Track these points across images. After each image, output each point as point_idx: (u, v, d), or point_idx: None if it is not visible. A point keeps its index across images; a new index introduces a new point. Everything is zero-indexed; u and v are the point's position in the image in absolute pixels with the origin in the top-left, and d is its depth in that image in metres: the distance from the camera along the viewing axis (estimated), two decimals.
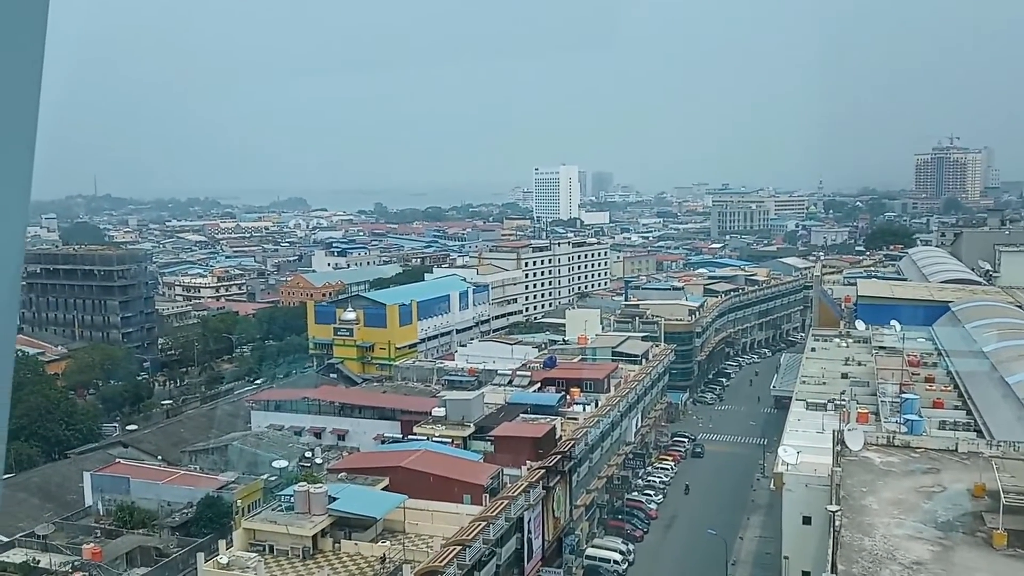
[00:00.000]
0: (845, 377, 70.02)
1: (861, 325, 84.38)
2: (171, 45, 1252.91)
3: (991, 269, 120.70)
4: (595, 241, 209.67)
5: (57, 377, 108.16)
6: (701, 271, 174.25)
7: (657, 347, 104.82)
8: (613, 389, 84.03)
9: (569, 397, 78.85)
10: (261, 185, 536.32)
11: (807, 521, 45.99)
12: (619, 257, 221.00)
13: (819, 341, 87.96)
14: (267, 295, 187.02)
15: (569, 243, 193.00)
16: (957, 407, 58.79)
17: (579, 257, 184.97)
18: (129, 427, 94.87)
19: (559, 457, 64.83)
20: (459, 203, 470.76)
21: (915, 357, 72.10)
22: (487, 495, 57.05)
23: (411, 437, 70.31)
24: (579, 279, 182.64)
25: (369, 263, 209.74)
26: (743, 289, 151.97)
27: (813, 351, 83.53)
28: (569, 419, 74.05)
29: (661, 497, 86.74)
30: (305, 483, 55.72)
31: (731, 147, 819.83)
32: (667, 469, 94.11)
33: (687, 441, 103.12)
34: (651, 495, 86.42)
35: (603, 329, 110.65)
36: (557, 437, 67.79)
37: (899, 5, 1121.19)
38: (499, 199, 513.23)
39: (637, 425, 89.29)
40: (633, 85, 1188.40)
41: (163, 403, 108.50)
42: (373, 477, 58.18)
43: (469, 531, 51.21)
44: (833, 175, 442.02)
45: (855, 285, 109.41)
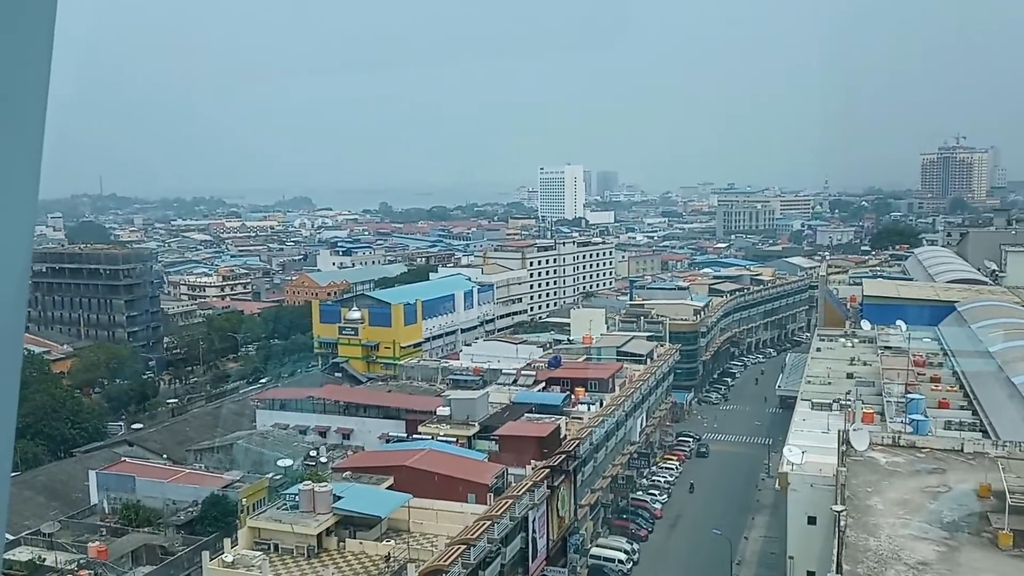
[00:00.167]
0: (850, 377, 69.94)
1: (867, 325, 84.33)
2: (176, 45, 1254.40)
3: (997, 269, 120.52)
4: (600, 241, 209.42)
5: (63, 376, 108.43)
6: (706, 271, 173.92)
7: (662, 347, 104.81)
8: (618, 389, 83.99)
9: (574, 397, 78.86)
10: (266, 184, 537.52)
11: (812, 521, 45.96)
12: (624, 257, 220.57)
13: (824, 341, 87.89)
14: (272, 294, 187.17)
15: (574, 243, 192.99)
16: (963, 407, 58.67)
17: (584, 257, 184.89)
18: (134, 426, 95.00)
19: (564, 456, 64.86)
20: (464, 202, 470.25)
21: (921, 357, 71.96)
22: (492, 494, 57.08)
23: (416, 436, 70.45)
24: (584, 279, 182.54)
25: (374, 262, 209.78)
26: (748, 289, 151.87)
27: (818, 351, 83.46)
28: (574, 418, 74.07)
29: (666, 497, 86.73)
30: (310, 482, 55.79)
31: (737, 147, 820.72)
32: (672, 469, 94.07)
33: (692, 441, 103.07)
34: (656, 495, 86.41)
35: (608, 329, 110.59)
36: (562, 436, 67.80)
37: (905, 4, 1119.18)
38: (504, 198, 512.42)
39: (642, 425, 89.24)
40: (638, 84, 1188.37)
41: (168, 402, 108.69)
42: (378, 476, 58.26)
43: (474, 530, 51.25)
44: (839, 175, 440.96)
45: (861, 285, 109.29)
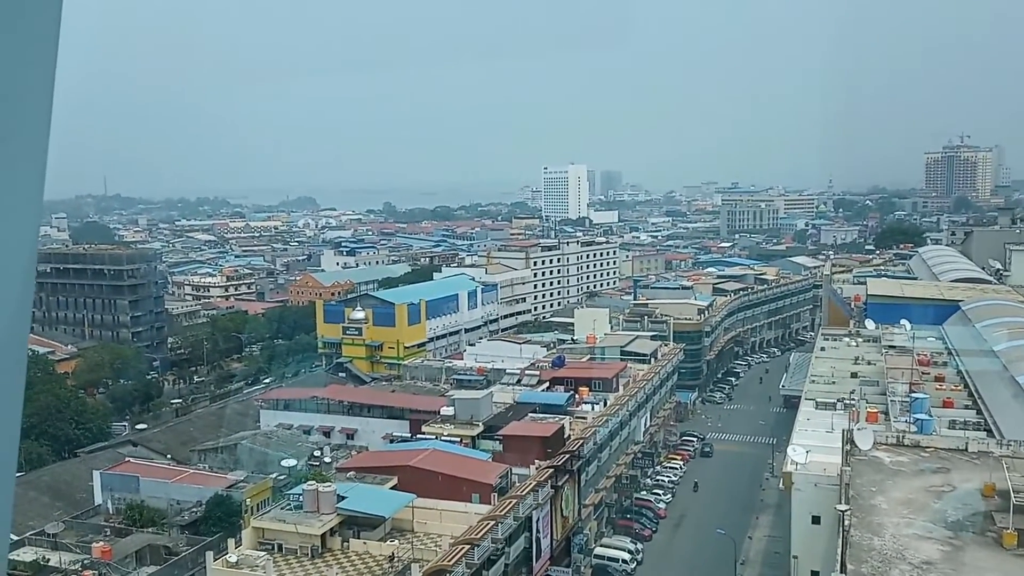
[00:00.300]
0: (855, 376, 69.82)
1: (871, 324, 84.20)
2: (180, 46, 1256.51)
3: (1001, 268, 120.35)
4: (604, 240, 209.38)
5: (67, 376, 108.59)
6: (710, 270, 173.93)
7: (666, 346, 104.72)
8: (622, 388, 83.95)
9: (578, 396, 78.81)
10: (270, 184, 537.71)
11: (816, 520, 45.90)
12: (628, 256, 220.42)
13: (829, 340, 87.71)
14: (276, 294, 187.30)
15: (578, 242, 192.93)
16: (967, 406, 58.58)
17: (588, 256, 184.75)
18: (139, 426, 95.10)
19: (568, 456, 64.84)
20: (468, 202, 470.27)
21: (925, 356, 71.85)
22: (496, 494, 57.06)
23: (420, 436, 70.42)
24: (588, 278, 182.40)
25: (378, 262, 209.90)
26: (752, 288, 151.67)
27: (823, 350, 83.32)
28: (578, 418, 74.01)
29: (670, 496, 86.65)
30: (314, 482, 55.80)
31: (741, 146, 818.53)
32: (676, 468, 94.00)
33: (696, 440, 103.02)
34: (660, 494, 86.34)
35: (612, 328, 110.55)
36: (566, 436, 67.77)
37: (908, 2, 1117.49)
38: (508, 198, 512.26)
39: (646, 424, 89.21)
40: (642, 84, 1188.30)
41: (172, 402, 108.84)
42: (382, 476, 58.28)
43: (478, 530, 51.26)
44: (843, 174, 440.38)
45: (865, 284, 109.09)
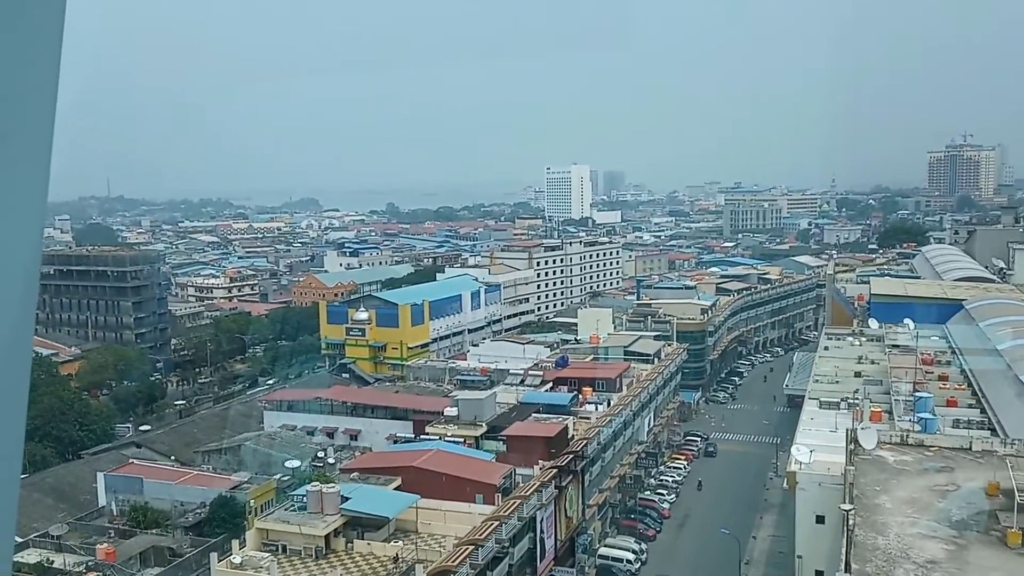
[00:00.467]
0: (858, 376, 69.70)
1: (874, 323, 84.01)
2: (182, 47, 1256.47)
3: (1005, 267, 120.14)
4: (607, 240, 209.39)
5: (71, 378, 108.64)
6: (713, 270, 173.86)
7: (669, 346, 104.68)
8: (625, 388, 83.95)
9: (581, 396, 78.77)
10: (273, 186, 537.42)
11: (820, 520, 45.85)
12: (631, 256, 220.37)
13: (832, 340, 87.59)
14: (279, 295, 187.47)
15: (581, 242, 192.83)
16: (971, 405, 58.49)
17: (591, 256, 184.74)
18: (142, 427, 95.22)
19: (571, 456, 64.83)
20: (471, 203, 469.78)
21: (929, 355, 71.75)
22: (500, 495, 57.11)
23: (423, 437, 70.38)
24: (591, 278, 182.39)
25: (381, 263, 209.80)
26: (756, 288, 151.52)
27: (826, 350, 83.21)
28: (581, 418, 74.00)
29: (674, 496, 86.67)
30: (318, 483, 55.87)
31: (743, 145, 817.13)
32: (680, 468, 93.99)
33: (700, 440, 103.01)
34: (664, 494, 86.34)
35: (615, 328, 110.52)
36: (569, 436, 67.76)
37: (911, 1, 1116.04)
38: (511, 199, 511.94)
39: (649, 424, 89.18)
40: (644, 84, 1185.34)
41: (176, 403, 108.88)
42: (385, 477, 58.30)
43: (482, 531, 51.26)
44: (846, 173, 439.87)
45: (868, 283, 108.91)
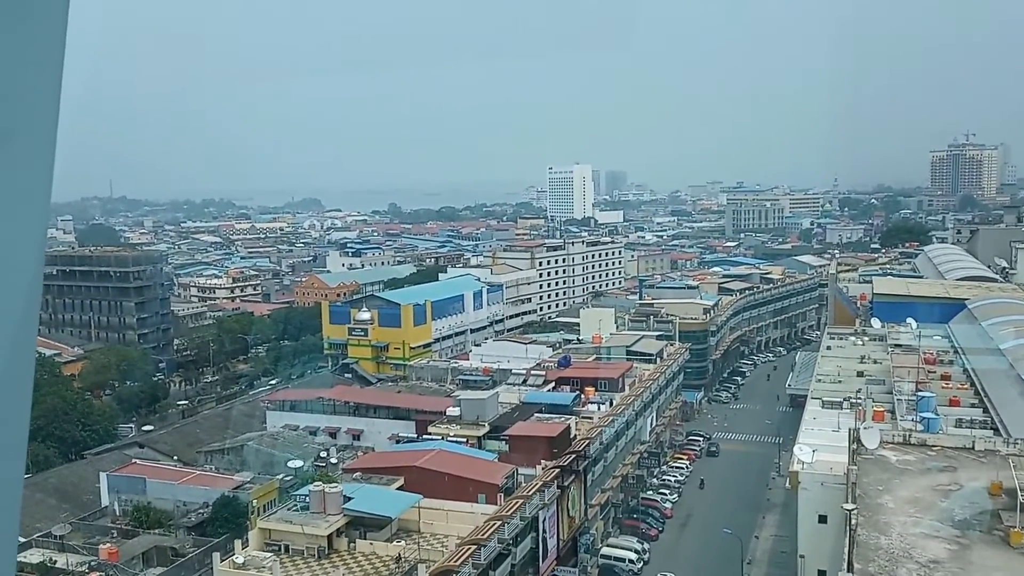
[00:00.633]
0: (861, 375, 69.62)
1: (877, 323, 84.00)
2: (184, 48, 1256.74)
3: (1007, 266, 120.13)
4: (609, 240, 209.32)
5: (73, 378, 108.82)
6: (716, 269, 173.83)
7: (672, 346, 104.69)
8: (628, 388, 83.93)
9: (584, 396, 78.78)
10: (275, 186, 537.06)
11: (823, 520, 45.85)
12: (633, 256, 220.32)
13: (835, 339, 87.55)
14: (282, 295, 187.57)
15: (583, 242, 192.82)
16: (973, 405, 58.41)
17: (593, 256, 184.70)
18: (145, 428, 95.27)
19: (574, 456, 64.86)
20: (473, 203, 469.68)
21: (931, 355, 71.68)
22: (502, 494, 57.12)
23: (426, 437, 70.43)
24: (593, 278, 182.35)
25: (383, 263, 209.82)
26: (758, 287, 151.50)
27: (829, 349, 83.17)
28: (584, 418, 74.01)
29: (676, 496, 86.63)
30: (320, 483, 55.88)
31: (745, 145, 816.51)
32: (682, 468, 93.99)
33: (702, 440, 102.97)
34: (666, 494, 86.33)
35: (617, 328, 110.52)
36: (572, 436, 67.77)
37: (913, 1, 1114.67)
38: (513, 198, 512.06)
39: (652, 424, 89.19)
40: (646, 83, 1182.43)
41: (179, 404, 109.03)
42: (388, 477, 58.31)
43: (484, 530, 51.30)
44: (848, 172, 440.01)
45: (871, 283, 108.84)
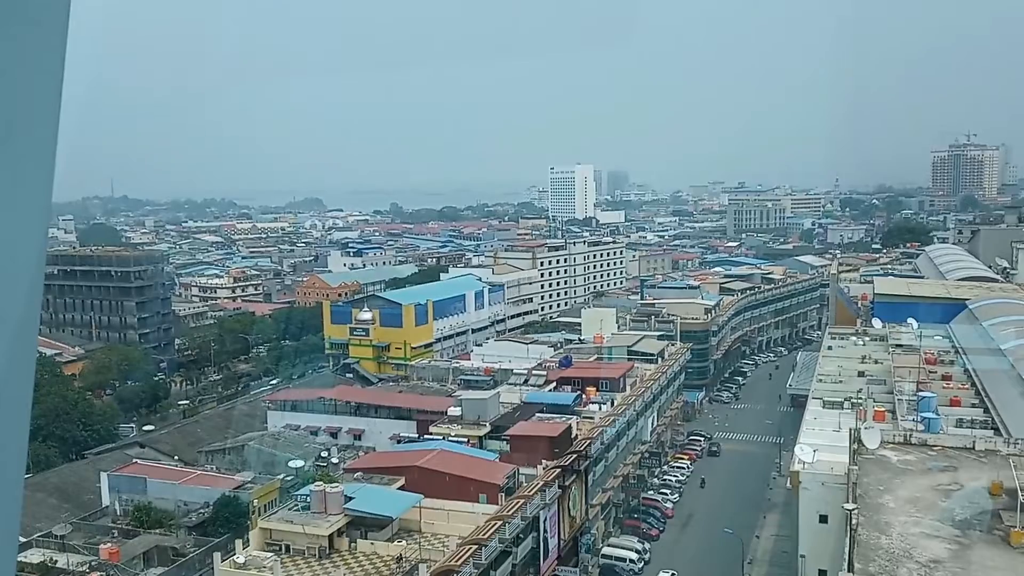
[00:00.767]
0: (862, 375, 69.56)
1: (878, 323, 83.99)
2: (186, 47, 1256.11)
3: (1008, 266, 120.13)
4: (611, 240, 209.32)
5: (74, 378, 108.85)
6: (717, 270, 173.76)
7: (673, 346, 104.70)
8: (629, 388, 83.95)
9: (585, 396, 78.82)
10: (277, 186, 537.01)
11: (824, 519, 45.82)
12: (635, 256, 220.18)
13: (836, 339, 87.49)
14: (283, 295, 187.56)
15: (585, 242, 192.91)
16: (974, 405, 58.37)
17: (595, 256, 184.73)
18: (146, 427, 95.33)
19: (575, 456, 64.87)
20: (474, 203, 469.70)
21: (932, 355, 71.61)
22: (503, 494, 57.15)
23: (427, 437, 70.53)
24: (595, 278, 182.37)
25: (385, 263, 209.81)
26: (759, 288, 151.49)
27: (830, 349, 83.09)
28: (585, 418, 74.05)
29: (677, 496, 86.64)
30: (321, 483, 55.95)
31: (747, 145, 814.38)
32: (683, 468, 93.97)
33: (703, 440, 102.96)
34: (667, 494, 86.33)
35: (619, 328, 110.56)
36: (573, 436, 67.81)
37: (914, 1, 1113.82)
38: (514, 199, 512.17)
39: (653, 424, 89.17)
40: (648, 84, 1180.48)
41: (180, 403, 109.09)
42: (389, 477, 58.38)
43: (485, 530, 51.31)
44: (849, 173, 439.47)
45: (872, 283, 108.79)
